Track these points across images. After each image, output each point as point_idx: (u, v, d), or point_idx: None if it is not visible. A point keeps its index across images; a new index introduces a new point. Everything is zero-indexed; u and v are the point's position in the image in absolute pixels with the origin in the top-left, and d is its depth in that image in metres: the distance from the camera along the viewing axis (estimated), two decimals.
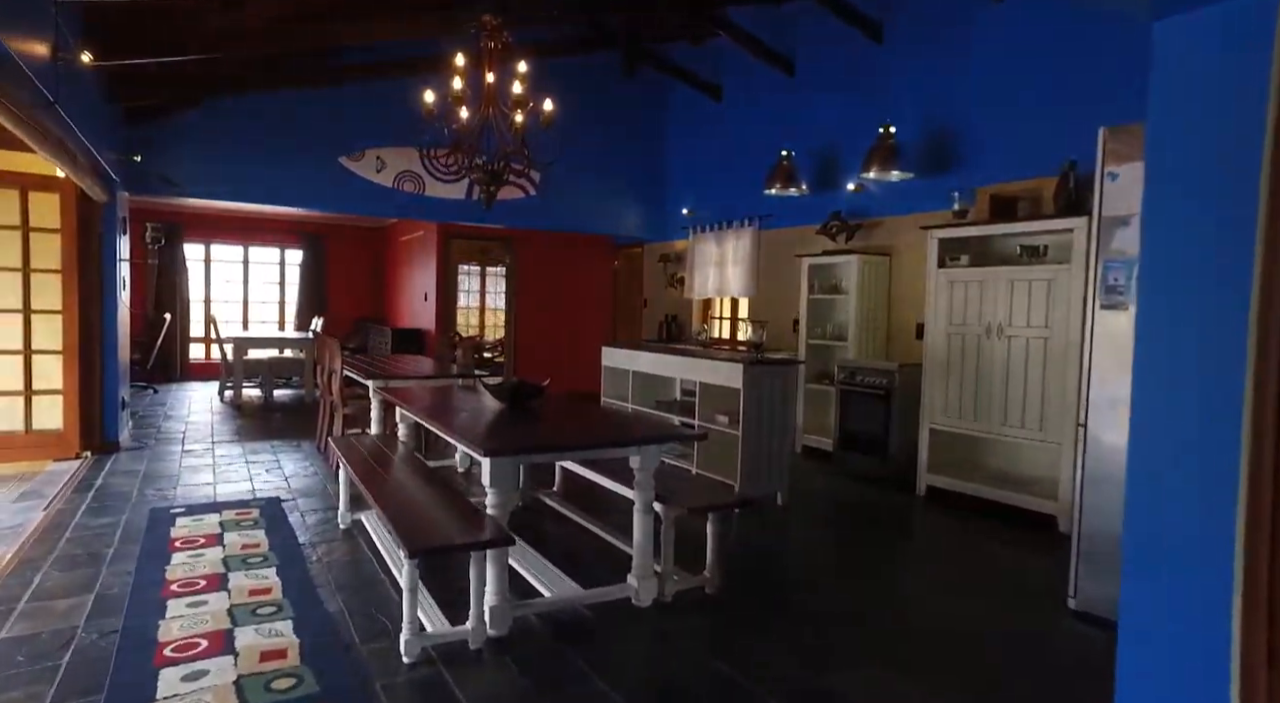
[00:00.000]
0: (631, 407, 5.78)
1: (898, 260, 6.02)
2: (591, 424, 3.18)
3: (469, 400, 3.80)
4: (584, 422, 3.25)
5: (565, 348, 10.01)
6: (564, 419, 3.29)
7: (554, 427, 3.07)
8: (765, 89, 7.38)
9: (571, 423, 3.19)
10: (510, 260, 9.55)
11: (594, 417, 3.39)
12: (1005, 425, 4.52)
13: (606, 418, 3.31)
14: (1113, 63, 4.36)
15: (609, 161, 8.69)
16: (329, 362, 5.41)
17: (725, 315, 8.66)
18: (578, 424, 3.17)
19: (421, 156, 7.47)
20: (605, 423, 3.18)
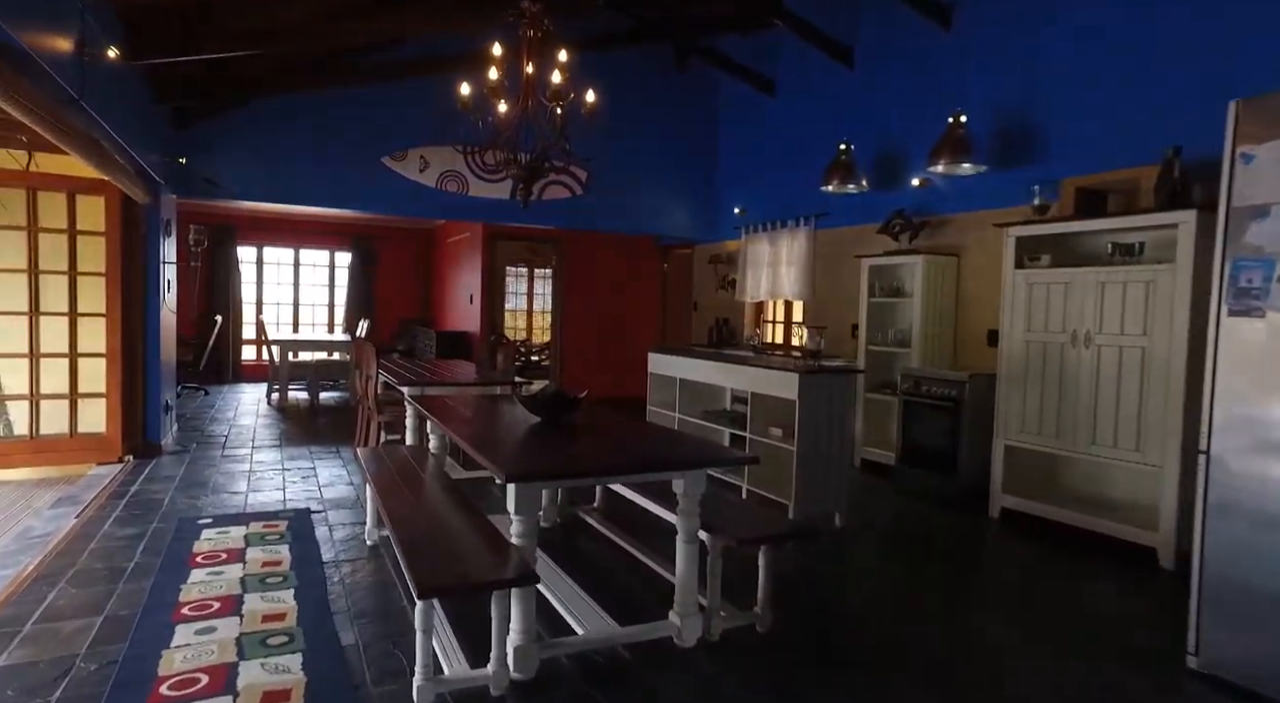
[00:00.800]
0: (678, 416, 5.48)
1: (966, 261, 5.56)
2: (630, 443, 2.89)
3: (503, 412, 3.56)
4: (622, 439, 2.96)
5: (612, 352, 9.76)
6: (601, 436, 3.01)
7: (588, 445, 2.79)
8: (822, 82, 6.99)
9: (608, 441, 2.91)
10: (557, 262, 9.35)
11: (634, 433, 3.10)
12: (1094, 444, 4.05)
13: (648, 435, 3.01)
14: (1229, 29, 3.87)
15: (658, 159, 8.40)
16: (366, 367, 5.26)
17: (779, 319, 8.27)
18: (615, 442, 2.88)
19: (465, 156, 7.32)
20: (646, 442, 2.88)
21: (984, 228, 5.39)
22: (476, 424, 3.14)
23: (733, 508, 2.99)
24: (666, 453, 2.63)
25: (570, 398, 3.20)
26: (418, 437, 4.42)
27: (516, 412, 3.50)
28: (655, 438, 2.95)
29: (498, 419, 3.32)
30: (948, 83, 5.65)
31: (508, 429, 3.06)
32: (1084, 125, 4.64)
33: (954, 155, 4.96)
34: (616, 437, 2.99)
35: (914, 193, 5.97)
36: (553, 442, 2.80)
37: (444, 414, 3.37)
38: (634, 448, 2.76)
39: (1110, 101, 4.48)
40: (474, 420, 3.24)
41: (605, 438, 2.96)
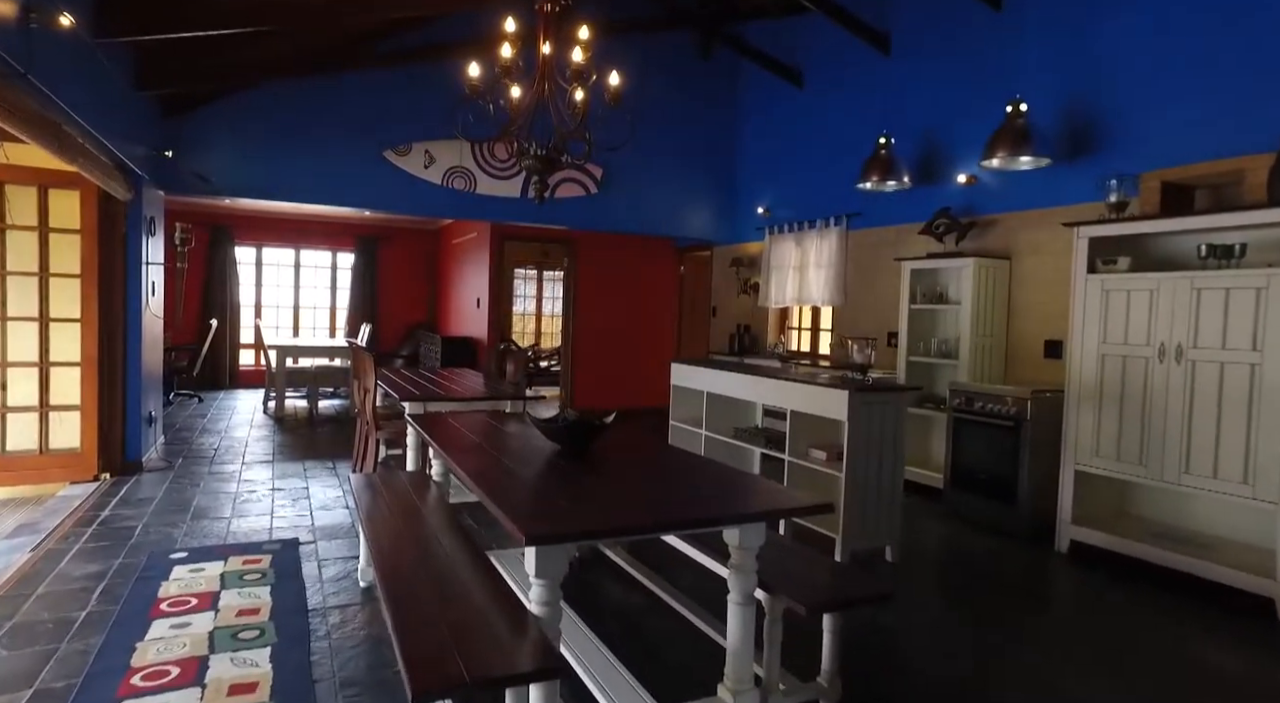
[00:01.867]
0: (704, 434, 5.00)
1: (1019, 265, 5.07)
2: (674, 481, 2.42)
3: (516, 437, 3.09)
4: (663, 476, 2.49)
5: (626, 359, 9.30)
6: (635, 472, 2.54)
7: (623, 486, 2.32)
8: (855, 71, 6.52)
9: (646, 480, 2.44)
10: (569, 264, 8.89)
11: (675, 466, 2.63)
12: (1186, 474, 3.56)
13: (691, 471, 2.54)
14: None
15: (676, 156, 7.94)
16: (364, 378, 4.80)
17: (804, 326, 7.80)
18: (654, 482, 2.41)
19: (473, 151, 6.88)
20: (691, 480, 2.41)
21: (1039, 228, 4.91)
22: (485, 456, 2.67)
23: (791, 557, 2.51)
24: (724, 501, 2.15)
25: (595, 424, 2.73)
26: (419, 460, 3.96)
27: (531, 436, 3.04)
28: (702, 474, 2.48)
29: (509, 447, 2.85)
30: (999, 68, 5.18)
31: (522, 461, 2.60)
32: (1166, 111, 4.15)
33: (1014, 147, 4.48)
34: (654, 472, 2.52)
35: (958, 191, 5.49)
36: (578, 480, 2.33)
37: (448, 440, 2.91)
38: (680, 491, 2.28)
39: (1200, 82, 3.99)
40: (482, 449, 2.78)
41: (641, 474, 2.49)
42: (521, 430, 3.20)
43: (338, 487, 4.95)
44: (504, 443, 2.93)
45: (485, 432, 3.15)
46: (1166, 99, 4.14)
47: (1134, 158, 4.23)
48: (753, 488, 2.30)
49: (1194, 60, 4.02)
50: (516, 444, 2.92)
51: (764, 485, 2.33)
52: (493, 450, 2.75)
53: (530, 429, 3.20)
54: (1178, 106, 4.08)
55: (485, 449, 2.77)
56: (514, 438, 3.06)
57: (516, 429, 3.27)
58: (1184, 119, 4.03)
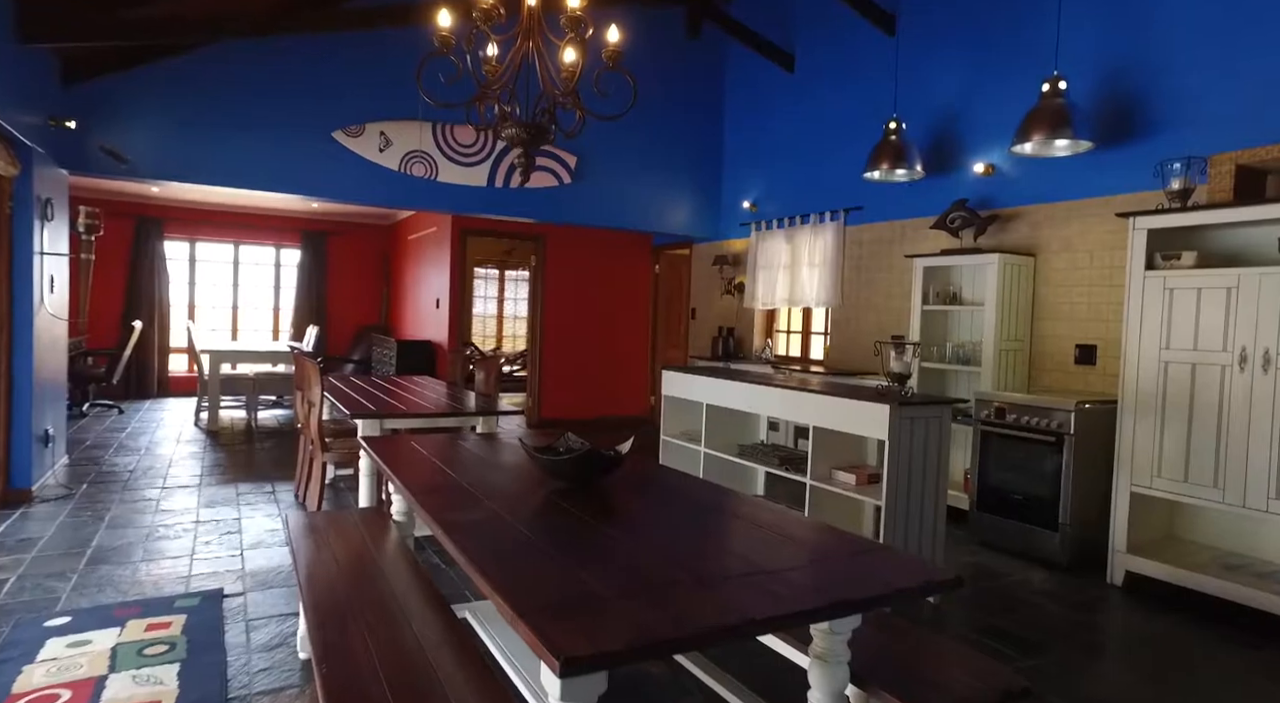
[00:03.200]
0: (704, 451, 4.41)
1: (1046, 263, 4.62)
2: (731, 541, 1.80)
3: (499, 468, 2.45)
4: (712, 530, 1.88)
5: (598, 364, 8.66)
6: (669, 521, 1.93)
7: (667, 551, 1.68)
8: (855, 54, 6.03)
9: (691, 535, 1.82)
10: (537, 262, 8.22)
11: (716, 513, 2.02)
12: (1278, 499, 3.10)
13: (743, 519, 1.93)
14: None
15: (657, 145, 7.35)
16: (308, 390, 4.08)
17: (793, 329, 7.28)
18: (705, 539, 1.80)
19: (435, 133, 6.18)
20: (753, 533, 1.81)
21: (1069, 222, 4.46)
22: (466, 499, 2.02)
23: (883, 630, 1.92)
24: (825, 576, 1.54)
25: (609, 457, 2.11)
26: (375, 492, 3.28)
27: (515, 463, 2.41)
28: (763, 524, 1.87)
29: (494, 484, 2.21)
30: (1021, 45, 4.72)
31: (515, 507, 1.96)
32: (1230, 86, 3.71)
33: (1052, 129, 3.99)
34: (694, 520, 1.91)
35: (974, 182, 5.03)
36: (598, 538, 1.70)
37: (415, 476, 2.25)
38: (751, 555, 1.66)
39: (1271, 53, 3.55)
40: (461, 490, 2.13)
41: (678, 524, 1.88)
42: (504, 458, 2.56)
43: (277, 516, 4.21)
44: (486, 478, 2.28)
45: (460, 461, 2.49)
46: (1229, 73, 3.71)
47: (1185, 142, 3.79)
48: (845, 548, 1.69)
49: (1264, 26, 3.59)
50: (501, 479, 2.28)
51: (857, 544, 1.74)
52: (475, 490, 2.10)
53: (513, 454, 2.56)
54: (1241, 81, 3.65)
55: (464, 489, 2.12)
56: (496, 469, 2.42)
57: (498, 457, 2.62)
58: (1249, 96, 3.60)
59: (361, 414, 3.50)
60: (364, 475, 3.42)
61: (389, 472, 2.33)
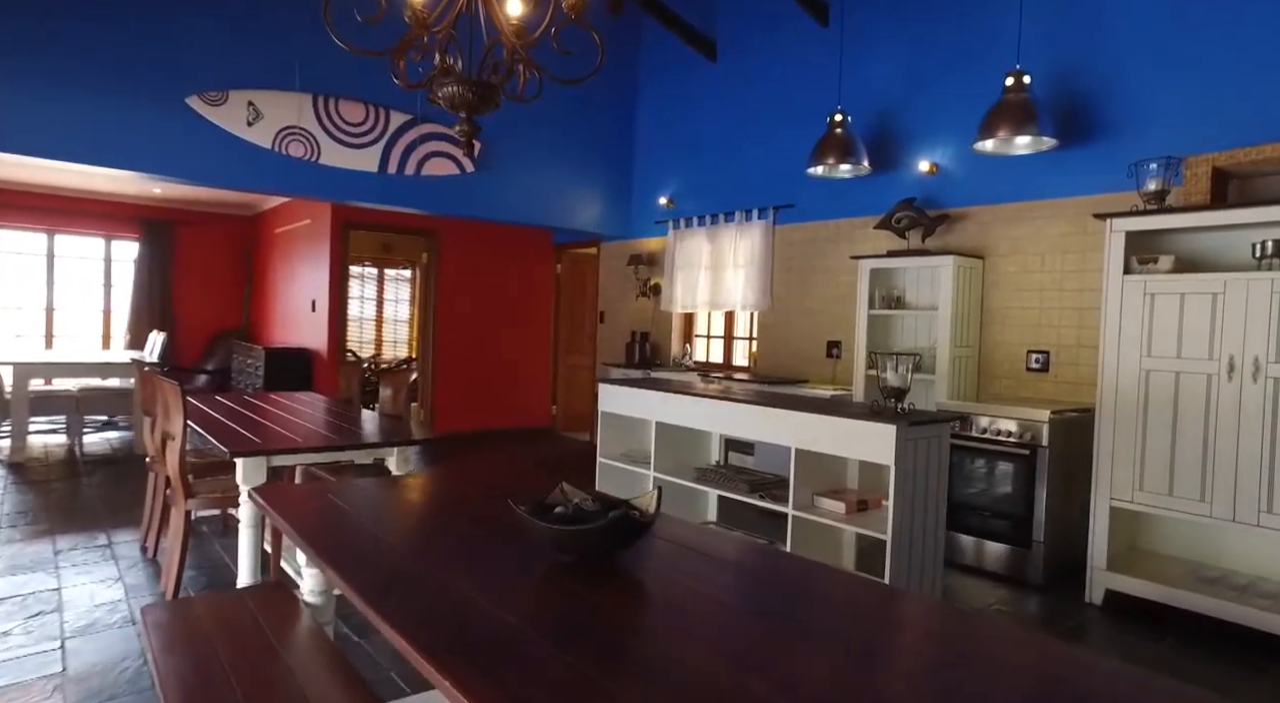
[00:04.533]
0: (653, 475, 3.89)
1: (995, 266, 4.48)
2: (844, 649, 1.29)
3: (463, 531, 1.81)
4: (804, 624, 1.36)
5: (497, 372, 7.93)
6: (736, 606, 1.39)
7: (741, 659, 1.15)
8: (785, 45, 5.73)
9: (779, 632, 1.30)
10: (429, 259, 7.38)
11: (805, 596, 1.51)
12: (1269, 513, 3.00)
13: (857, 611, 1.43)
14: None
15: (566, 135, 6.76)
16: (164, 418, 3.18)
17: (714, 333, 6.92)
18: (795, 635, 1.28)
19: (316, 107, 5.27)
20: (918, 653, 1.30)
21: (1019, 224, 4.34)
22: (423, 577, 1.39)
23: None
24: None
25: (641, 520, 1.54)
26: (258, 556, 2.50)
27: (484, 524, 1.78)
28: (923, 633, 1.38)
29: (463, 556, 1.58)
30: (969, 40, 4.57)
31: (502, 593, 1.35)
32: (1184, 89, 3.64)
33: (1017, 127, 3.81)
34: (769, 599, 1.38)
35: (917, 181, 4.84)
36: (645, 642, 1.13)
37: (340, 547, 1.58)
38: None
39: (1254, 49, 3.49)
40: (413, 564, 1.48)
41: (755, 609, 1.34)
42: (463, 514, 1.92)
43: (116, 580, 3.27)
44: (446, 546, 1.64)
45: (404, 520, 1.83)
46: (1186, 76, 3.65)
47: (1139, 145, 3.71)
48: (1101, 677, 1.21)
49: (1234, 18, 3.55)
50: (471, 547, 1.65)
51: (1117, 671, 1.26)
52: (434, 566, 1.47)
53: (475, 510, 1.93)
54: (1200, 84, 3.59)
55: (419, 563, 1.47)
56: (458, 532, 1.78)
57: (454, 511, 1.98)
58: (1210, 98, 3.54)
59: (244, 450, 2.69)
60: (246, 533, 2.62)
61: (302, 543, 1.64)
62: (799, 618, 1.34)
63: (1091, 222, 4.05)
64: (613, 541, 1.53)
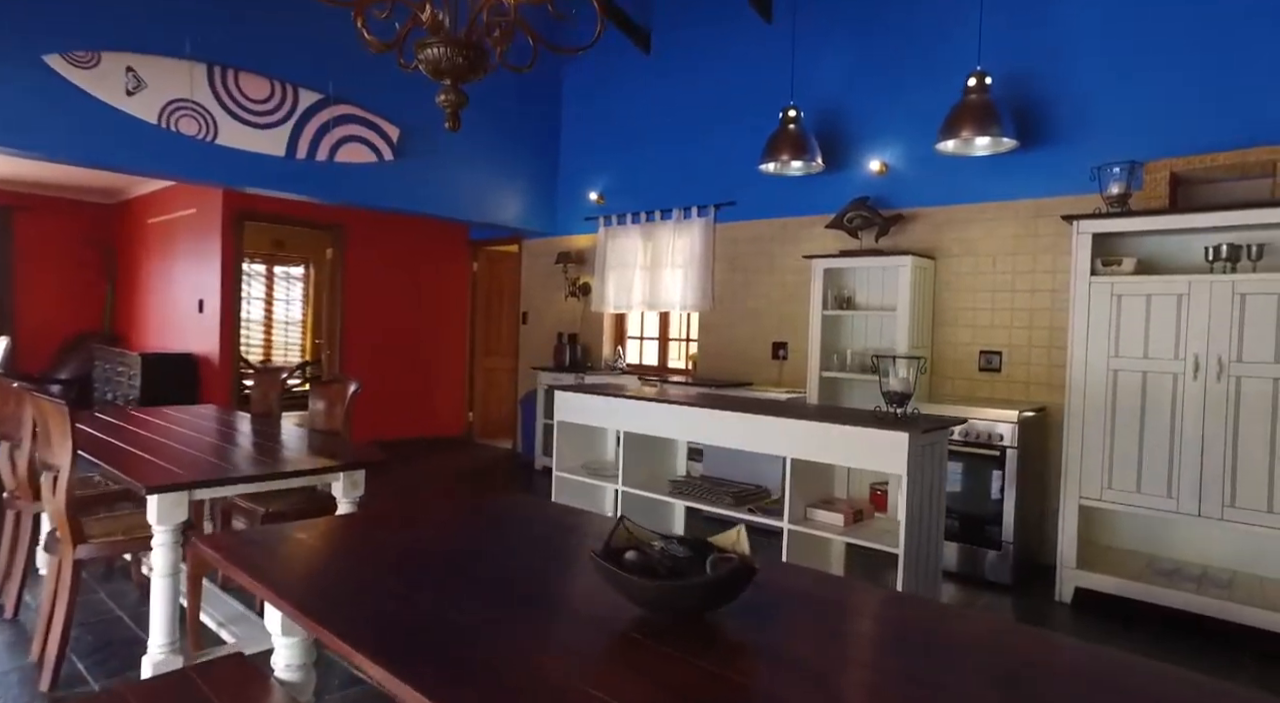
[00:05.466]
0: (621, 488, 3.60)
1: (947, 267, 4.51)
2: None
3: (492, 582, 1.47)
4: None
5: (409, 377, 7.36)
6: (894, 675, 1.16)
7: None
8: (725, 39, 5.58)
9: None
10: (336, 255, 6.72)
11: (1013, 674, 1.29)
12: (1231, 507, 3.10)
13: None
14: None
15: (491, 123, 6.33)
16: (40, 445, 2.58)
17: (647, 335, 6.69)
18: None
19: (212, 79, 4.61)
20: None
21: (971, 225, 4.38)
22: (475, 656, 1.06)
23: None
24: None
25: (746, 567, 1.28)
26: (174, 606, 2.03)
27: (531, 576, 1.46)
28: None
29: (511, 618, 1.26)
30: (917, 40, 4.57)
31: (584, 663, 1.05)
32: (1132, 96, 3.75)
33: (980, 126, 3.82)
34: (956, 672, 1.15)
35: (865, 180, 4.81)
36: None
37: (346, 612, 1.21)
38: None
39: (1205, 57, 3.61)
40: (449, 636, 1.15)
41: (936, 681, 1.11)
42: (501, 562, 1.58)
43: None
44: (504, 604, 1.31)
45: (436, 572, 1.47)
46: (1138, 83, 3.77)
47: (1088, 151, 3.81)
48: None
49: (1169, 41, 3.68)
50: (532, 602, 1.33)
51: None
52: (505, 637, 1.14)
53: (502, 560, 1.60)
54: (1151, 91, 3.72)
55: (494, 639, 1.14)
56: (501, 581, 1.44)
57: (480, 554, 1.63)
58: (1164, 105, 3.67)
59: (164, 484, 2.18)
60: (161, 585, 2.14)
61: (293, 608, 1.26)
62: (975, 687, 1.12)
63: (1042, 224, 4.14)
64: (719, 595, 1.25)
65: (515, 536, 1.80)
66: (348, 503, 2.72)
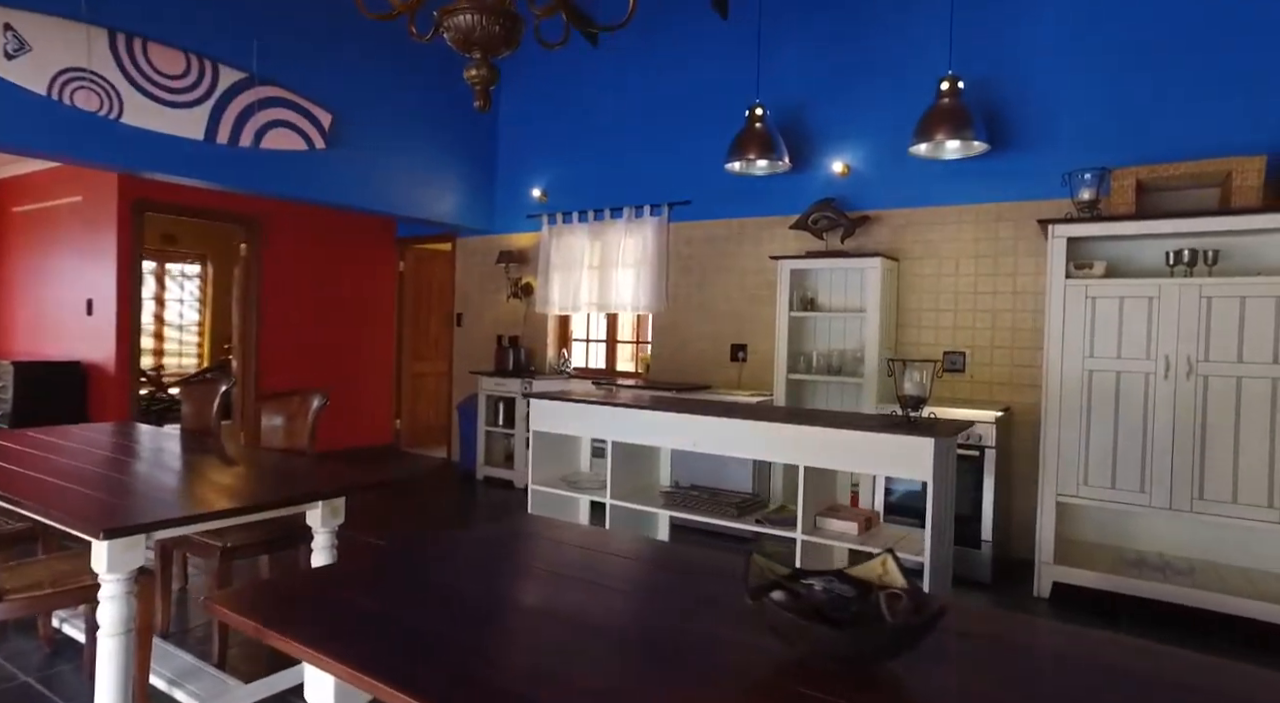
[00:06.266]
0: (609, 502, 3.39)
1: (909, 269, 4.56)
2: None
3: (604, 630, 1.25)
4: None
5: (331, 384, 6.78)
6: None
7: None
8: (679, 35, 5.45)
9: None
10: (251, 252, 6.11)
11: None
12: (1200, 500, 3.25)
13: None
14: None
15: (425, 118, 5.94)
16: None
17: (593, 337, 6.48)
18: None
19: (115, 46, 4.04)
20: None
21: (933, 228, 4.45)
22: None
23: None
24: None
25: (938, 609, 1.13)
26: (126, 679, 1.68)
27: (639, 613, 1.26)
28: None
29: (663, 671, 1.06)
30: (880, 41, 4.60)
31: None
32: (1090, 105, 3.90)
33: (954, 129, 3.86)
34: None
35: (827, 182, 4.81)
36: None
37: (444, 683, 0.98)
38: None
39: (1171, 69, 3.77)
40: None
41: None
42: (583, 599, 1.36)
43: None
44: (638, 653, 1.10)
45: (538, 623, 1.23)
46: (1101, 92, 3.92)
47: (1050, 157, 3.95)
48: None
49: (1128, 52, 3.84)
50: (666, 648, 1.13)
51: None
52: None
53: (583, 596, 1.39)
54: (1113, 100, 3.88)
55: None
56: (615, 627, 1.23)
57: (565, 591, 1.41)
58: (1123, 115, 3.83)
59: (123, 526, 1.80)
60: (111, 645, 1.77)
61: (371, 679, 1.01)
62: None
63: (1003, 227, 4.25)
64: (908, 640, 1.09)
65: (599, 573, 1.58)
66: (326, 533, 2.39)
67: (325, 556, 2.41)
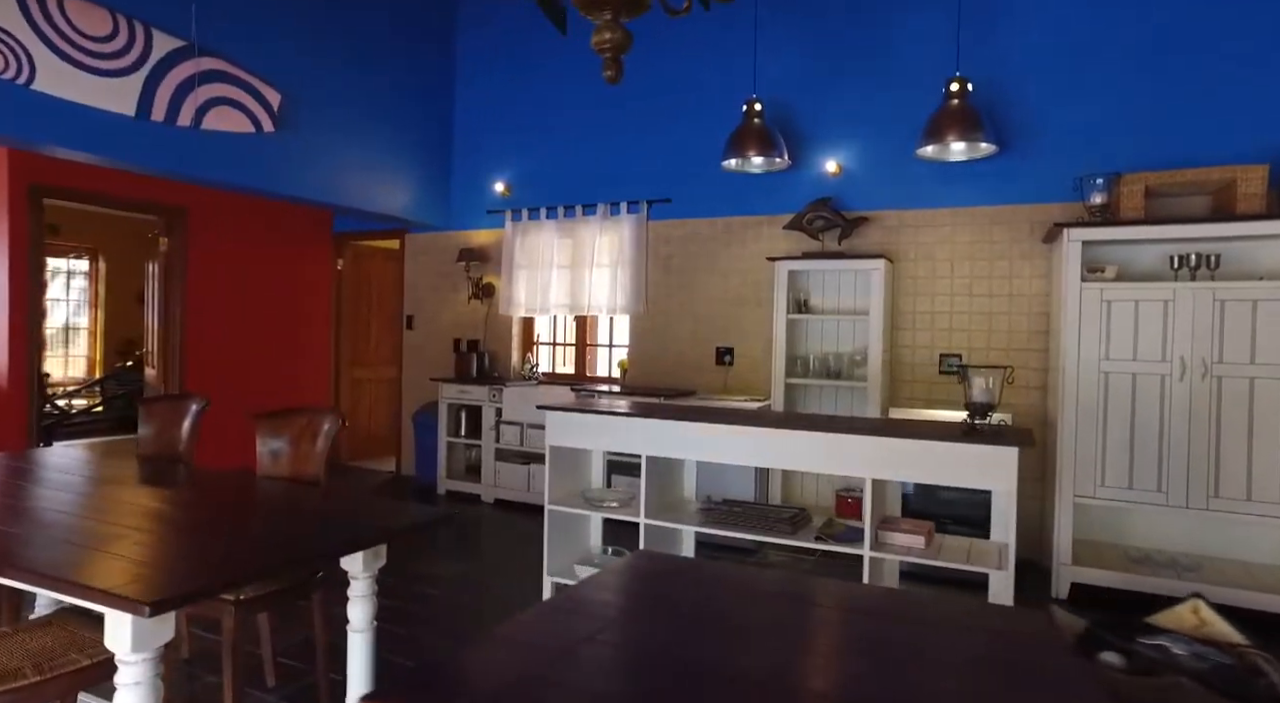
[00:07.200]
0: (644, 521, 3.12)
1: (905, 271, 4.53)
2: None
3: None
4: None
5: (263, 394, 6.14)
6: None
7: None
8: (658, 28, 5.20)
9: None
10: (174, 245, 5.41)
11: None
12: (1217, 497, 3.34)
13: None
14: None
15: (383, 101, 5.45)
16: None
17: (560, 341, 6.16)
18: None
19: (29, 4, 3.41)
20: None
21: (926, 230, 4.46)
22: None
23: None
24: None
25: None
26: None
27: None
28: None
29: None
30: (871, 41, 4.55)
31: None
32: (1092, 110, 3.98)
33: (965, 131, 3.83)
34: None
35: (818, 181, 4.73)
36: None
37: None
38: None
39: (1176, 75, 3.87)
40: None
41: None
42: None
43: None
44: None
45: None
46: (1092, 99, 3.99)
47: (1052, 161, 4.01)
48: None
49: (1132, 55, 3.94)
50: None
51: None
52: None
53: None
54: (1102, 108, 3.96)
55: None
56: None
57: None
58: (1114, 121, 3.92)
59: (163, 597, 1.40)
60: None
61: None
62: None
63: (998, 230, 4.28)
64: None
65: (878, 643, 1.34)
66: (366, 579, 2.03)
67: (366, 604, 2.04)
